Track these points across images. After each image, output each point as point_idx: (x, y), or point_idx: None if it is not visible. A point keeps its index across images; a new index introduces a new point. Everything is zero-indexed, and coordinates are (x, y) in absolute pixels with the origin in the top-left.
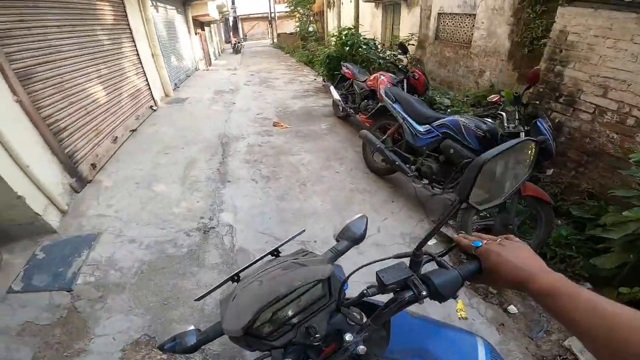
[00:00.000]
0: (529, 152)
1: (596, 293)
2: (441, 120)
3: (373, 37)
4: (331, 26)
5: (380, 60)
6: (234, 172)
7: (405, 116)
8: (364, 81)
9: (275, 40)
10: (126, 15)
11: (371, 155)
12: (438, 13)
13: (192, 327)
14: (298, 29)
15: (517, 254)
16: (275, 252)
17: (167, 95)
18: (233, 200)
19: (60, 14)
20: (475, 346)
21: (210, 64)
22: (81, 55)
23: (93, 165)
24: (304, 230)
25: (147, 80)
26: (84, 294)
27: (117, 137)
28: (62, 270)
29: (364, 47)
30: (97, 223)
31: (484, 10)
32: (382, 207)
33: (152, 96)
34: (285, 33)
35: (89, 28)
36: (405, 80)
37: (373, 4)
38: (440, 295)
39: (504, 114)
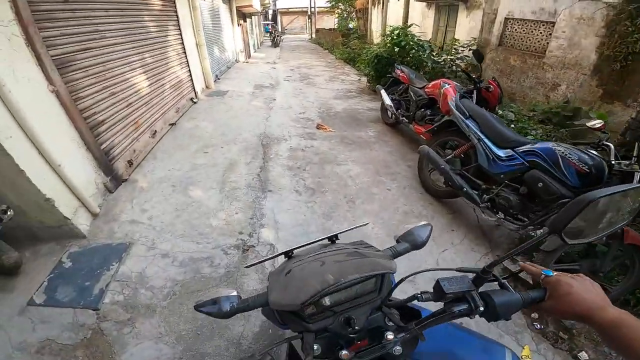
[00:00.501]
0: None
1: None
2: (529, 146)
3: (429, 40)
4: (375, 24)
5: (434, 65)
6: (276, 180)
7: (482, 136)
8: (422, 88)
9: (313, 35)
10: (174, 2)
11: (429, 174)
12: (505, 18)
13: (234, 293)
14: (338, 25)
15: (587, 288)
16: (334, 238)
17: (207, 87)
18: (274, 214)
19: None
20: (503, 356)
21: (249, 56)
22: (126, 42)
23: (129, 163)
24: (368, 223)
25: (189, 70)
26: (111, 315)
27: (156, 131)
28: (88, 284)
29: (417, 49)
30: (129, 231)
31: (566, 19)
32: (440, 236)
33: (194, 88)
34: (325, 29)
35: (137, 13)
36: (475, 92)
37: (425, 3)
38: (496, 314)
39: (611, 146)
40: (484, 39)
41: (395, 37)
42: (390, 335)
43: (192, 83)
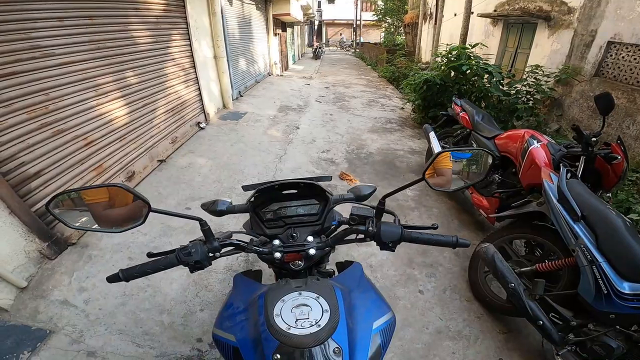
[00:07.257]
0: None
1: None
2: None
3: (498, 65)
4: (424, 42)
5: (504, 98)
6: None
7: (598, 257)
8: (492, 138)
9: (357, 49)
10: (184, 5)
11: (484, 276)
12: (608, 42)
13: (229, 200)
14: (384, 39)
15: None
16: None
17: (225, 107)
18: None
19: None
20: (384, 312)
21: (286, 68)
22: (92, 60)
23: None
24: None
25: (199, 89)
26: None
27: (134, 172)
28: None
29: (480, 75)
30: (56, 314)
31: None
32: None
33: (204, 109)
34: (369, 43)
35: (116, 21)
36: (583, 160)
37: (489, 20)
38: (380, 239)
39: None
40: (572, 67)
41: (453, 59)
42: (310, 238)
43: (202, 104)
